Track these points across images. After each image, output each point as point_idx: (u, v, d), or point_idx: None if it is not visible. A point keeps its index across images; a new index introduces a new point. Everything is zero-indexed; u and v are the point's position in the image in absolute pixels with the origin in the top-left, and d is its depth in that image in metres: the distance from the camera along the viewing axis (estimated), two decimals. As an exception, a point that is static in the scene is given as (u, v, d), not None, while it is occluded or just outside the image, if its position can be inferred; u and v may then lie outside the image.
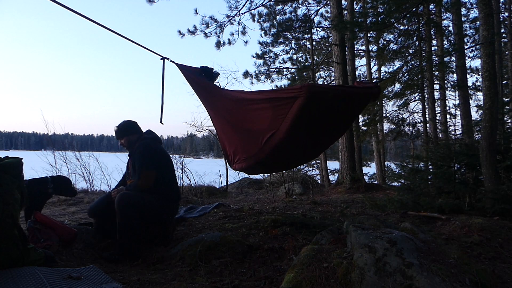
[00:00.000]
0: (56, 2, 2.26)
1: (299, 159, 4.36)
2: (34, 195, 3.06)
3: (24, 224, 2.94)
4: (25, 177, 2.44)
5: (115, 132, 3.41)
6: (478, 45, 9.07)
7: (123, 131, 3.38)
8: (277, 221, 3.76)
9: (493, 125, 4.58)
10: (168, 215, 3.34)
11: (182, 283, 2.30)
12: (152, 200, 3.09)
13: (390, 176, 12.07)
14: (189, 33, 10.26)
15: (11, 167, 2.18)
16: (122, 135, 3.38)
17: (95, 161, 6.99)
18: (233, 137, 3.68)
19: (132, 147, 3.33)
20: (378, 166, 14.91)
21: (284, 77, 14.30)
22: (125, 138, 3.37)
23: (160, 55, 3.55)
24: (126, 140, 3.36)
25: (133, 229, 2.92)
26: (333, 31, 8.96)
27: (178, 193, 3.47)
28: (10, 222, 2.07)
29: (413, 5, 6.94)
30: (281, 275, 2.37)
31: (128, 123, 3.42)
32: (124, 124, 3.41)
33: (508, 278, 2.40)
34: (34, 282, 1.91)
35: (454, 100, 16.01)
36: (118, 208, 2.93)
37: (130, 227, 2.91)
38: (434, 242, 2.56)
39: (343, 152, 8.95)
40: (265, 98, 3.02)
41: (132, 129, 3.39)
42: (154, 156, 3.20)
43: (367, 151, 20.30)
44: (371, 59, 14.79)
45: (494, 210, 4.19)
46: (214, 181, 8.89)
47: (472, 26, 12.51)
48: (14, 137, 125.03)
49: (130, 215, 2.93)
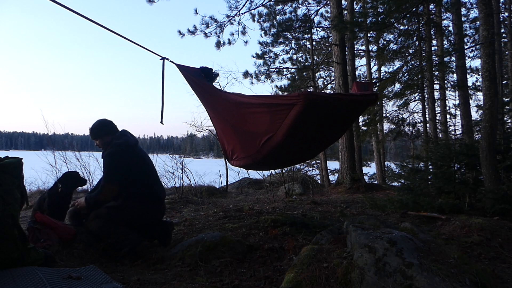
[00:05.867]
0: (56, 2, 2.26)
1: (297, 159, 4.46)
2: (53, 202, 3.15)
3: (24, 224, 2.94)
4: (25, 177, 2.44)
5: (89, 132, 3.26)
6: (478, 45, 9.06)
7: (96, 132, 3.21)
8: (277, 221, 3.76)
9: (493, 125, 4.58)
10: (152, 217, 3.21)
11: (182, 283, 2.30)
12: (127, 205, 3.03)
13: (390, 176, 12.07)
14: (189, 33, 10.27)
15: (11, 167, 2.18)
16: (96, 136, 3.22)
17: (95, 161, 6.96)
18: (232, 137, 3.71)
19: (106, 149, 3.15)
20: (378, 166, 14.91)
21: (284, 77, 14.29)
22: (99, 139, 3.21)
23: (160, 55, 3.54)
24: (101, 142, 3.21)
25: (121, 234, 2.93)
26: (333, 31, 8.95)
27: (158, 193, 3.24)
28: (10, 222, 2.07)
29: (413, 5, 6.94)
30: (281, 275, 2.37)
31: (102, 123, 3.24)
32: (97, 124, 3.23)
33: (508, 278, 2.40)
34: (34, 282, 1.91)
35: (454, 100, 16.05)
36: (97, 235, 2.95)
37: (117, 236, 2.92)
38: (434, 242, 2.56)
39: (343, 152, 8.95)
40: (263, 103, 3.06)
41: (106, 129, 3.22)
42: (120, 167, 3.03)
43: (367, 151, 20.30)
44: (371, 59, 14.80)
45: (494, 210, 4.19)
46: (214, 181, 8.88)
47: (472, 26, 12.51)
48: (14, 137, 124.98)
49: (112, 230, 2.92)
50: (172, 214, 4.81)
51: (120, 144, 3.09)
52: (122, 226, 2.97)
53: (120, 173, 3.03)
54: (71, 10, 2.38)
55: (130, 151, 3.13)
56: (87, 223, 3.05)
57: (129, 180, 3.06)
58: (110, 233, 2.93)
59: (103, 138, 3.21)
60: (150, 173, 3.28)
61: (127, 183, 3.06)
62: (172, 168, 7.24)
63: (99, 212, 3.03)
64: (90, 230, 3.01)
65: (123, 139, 3.16)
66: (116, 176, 3.03)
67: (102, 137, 3.21)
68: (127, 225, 3.01)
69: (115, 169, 3.03)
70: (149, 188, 3.18)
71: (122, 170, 3.04)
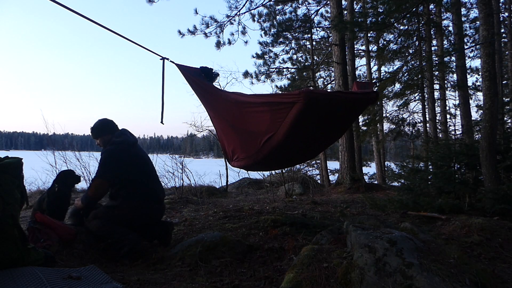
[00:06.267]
0: (56, 2, 2.26)
1: (297, 159, 4.43)
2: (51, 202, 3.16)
3: (24, 224, 2.94)
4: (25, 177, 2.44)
5: (90, 132, 3.30)
6: (478, 45, 9.06)
7: (97, 131, 3.26)
8: (277, 221, 3.76)
9: (493, 125, 4.58)
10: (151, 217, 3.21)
11: (182, 283, 2.30)
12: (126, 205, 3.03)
13: (390, 176, 12.09)
14: (189, 33, 10.28)
15: (11, 167, 2.18)
16: (97, 136, 3.26)
17: (95, 161, 6.95)
18: (232, 137, 3.70)
19: (105, 147, 3.19)
20: (378, 166, 14.92)
21: (284, 77, 14.30)
22: (99, 138, 3.25)
23: (160, 55, 3.54)
24: (101, 141, 3.25)
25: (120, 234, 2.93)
26: (333, 31, 8.95)
27: (157, 193, 3.24)
28: (10, 222, 2.07)
29: (413, 5, 6.94)
30: (281, 275, 2.37)
31: (102, 122, 3.29)
32: (98, 124, 3.28)
33: (508, 278, 2.40)
34: (34, 282, 1.91)
35: (454, 100, 16.08)
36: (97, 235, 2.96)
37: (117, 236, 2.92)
38: (434, 242, 2.56)
39: (343, 152, 8.95)
40: (264, 101, 3.05)
41: (106, 129, 3.25)
42: (114, 165, 3.03)
43: (367, 151, 20.30)
44: (371, 59, 14.80)
45: (494, 210, 4.19)
46: (214, 181, 8.87)
47: (472, 26, 12.52)
48: (14, 137, 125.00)
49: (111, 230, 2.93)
50: (172, 214, 4.81)
51: (119, 143, 3.11)
52: (122, 226, 2.97)
53: (113, 170, 3.04)
54: (71, 10, 2.38)
55: (128, 149, 3.14)
56: (87, 223, 3.06)
57: (128, 179, 3.06)
58: (109, 233, 2.93)
59: (103, 137, 3.24)
60: (149, 172, 3.28)
61: (126, 182, 3.06)
62: (172, 168, 7.24)
63: (98, 212, 3.04)
64: (89, 231, 3.01)
65: (122, 137, 3.18)
66: (107, 172, 3.04)
67: (102, 137, 3.25)
68: (126, 225, 3.01)
69: (108, 165, 3.04)
70: (148, 188, 3.18)
71: (116, 168, 3.04)
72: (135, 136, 3.38)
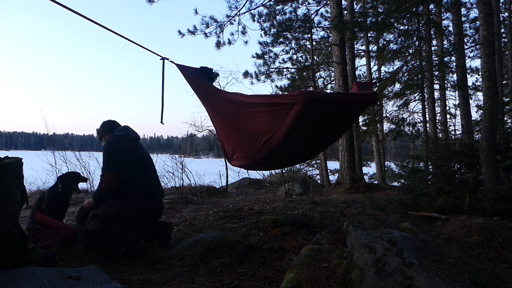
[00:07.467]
0: (56, 2, 2.26)
1: (297, 159, 4.45)
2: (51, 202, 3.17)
3: (24, 224, 2.94)
4: (25, 177, 2.44)
5: (96, 133, 3.44)
6: (478, 45, 9.07)
7: (100, 131, 3.39)
8: (277, 221, 3.76)
9: (493, 125, 4.58)
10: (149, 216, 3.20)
11: (182, 283, 2.30)
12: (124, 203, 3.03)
13: (390, 176, 12.10)
14: (189, 33, 10.28)
15: (11, 167, 2.18)
16: (101, 136, 3.39)
17: (95, 161, 6.97)
18: (232, 137, 3.71)
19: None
20: (378, 166, 14.92)
21: (284, 77, 14.31)
22: (103, 138, 3.37)
23: (160, 55, 3.54)
24: (104, 140, 3.36)
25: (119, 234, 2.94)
26: (333, 31, 8.95)
27: (156, 192, 3.24)
28: (10, 222, 2.07)
29: (413, 5, 6.94)
30: (281, 275, 2.37)
31: (105, 123, 3.41)
32: (101, 125, 3.41)
33: (508, 278, 2.40)
34: (34, 282, 1.91)
35: (454, 100, 16.08)
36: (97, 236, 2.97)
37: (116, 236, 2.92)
38: (434, 242, 2.56)
39: (343, 152, 8.95)
40: (264, 102, 3.06)
41: (108, 128, 3.36)
42: (116, 156, 3.08)
43: (367, 151, 20.31)
44: (371, 59, 14.80)
45: (494, 210, 4.19)
46: (214, 181, 8.87)
47: (472, 26, 12.52)
48: (14, 137, 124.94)
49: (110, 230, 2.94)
50: (172, 214, 4.80)
51: (119, 136, 3.20)
52: (121, 226, 2.98)
53: (119, 160, 3.08)
54: (71, 10, 2.38)
55: (129, 143, 3.20)
56: (86, 223, 3.07)
57: (127, 176, 3.08)
58: (108, 233, 2.94)
59: (106, 136, 3.34)
60: (148, 170, 3.31)
61: (124, 179, 3.08)
62: (172, 168, 7.25)
63: (96, 213, 3.05)
64: (89, 231, 3.03)
65: (123, 132, 3.27)
66: (114, 163, 3.08)
67: (105, 136, 3.35)
68: (125, 225, 3.01)
69: (113, 157, 3.09)
70: (147, 186, 3.19)
71: (120, 158, 3.09)
72: (137, 133, 3.42)
